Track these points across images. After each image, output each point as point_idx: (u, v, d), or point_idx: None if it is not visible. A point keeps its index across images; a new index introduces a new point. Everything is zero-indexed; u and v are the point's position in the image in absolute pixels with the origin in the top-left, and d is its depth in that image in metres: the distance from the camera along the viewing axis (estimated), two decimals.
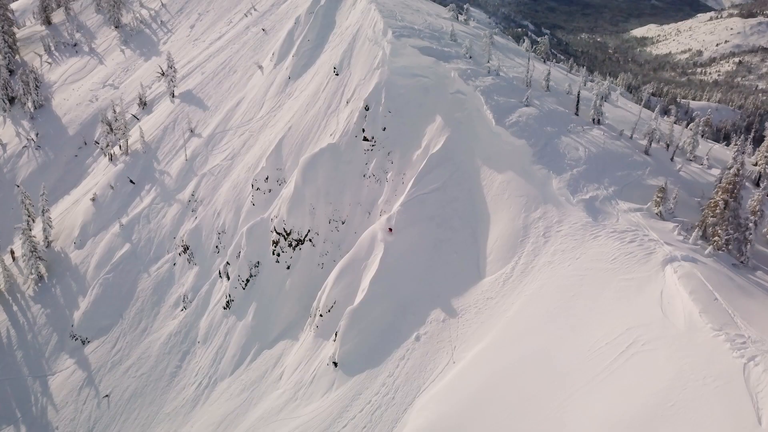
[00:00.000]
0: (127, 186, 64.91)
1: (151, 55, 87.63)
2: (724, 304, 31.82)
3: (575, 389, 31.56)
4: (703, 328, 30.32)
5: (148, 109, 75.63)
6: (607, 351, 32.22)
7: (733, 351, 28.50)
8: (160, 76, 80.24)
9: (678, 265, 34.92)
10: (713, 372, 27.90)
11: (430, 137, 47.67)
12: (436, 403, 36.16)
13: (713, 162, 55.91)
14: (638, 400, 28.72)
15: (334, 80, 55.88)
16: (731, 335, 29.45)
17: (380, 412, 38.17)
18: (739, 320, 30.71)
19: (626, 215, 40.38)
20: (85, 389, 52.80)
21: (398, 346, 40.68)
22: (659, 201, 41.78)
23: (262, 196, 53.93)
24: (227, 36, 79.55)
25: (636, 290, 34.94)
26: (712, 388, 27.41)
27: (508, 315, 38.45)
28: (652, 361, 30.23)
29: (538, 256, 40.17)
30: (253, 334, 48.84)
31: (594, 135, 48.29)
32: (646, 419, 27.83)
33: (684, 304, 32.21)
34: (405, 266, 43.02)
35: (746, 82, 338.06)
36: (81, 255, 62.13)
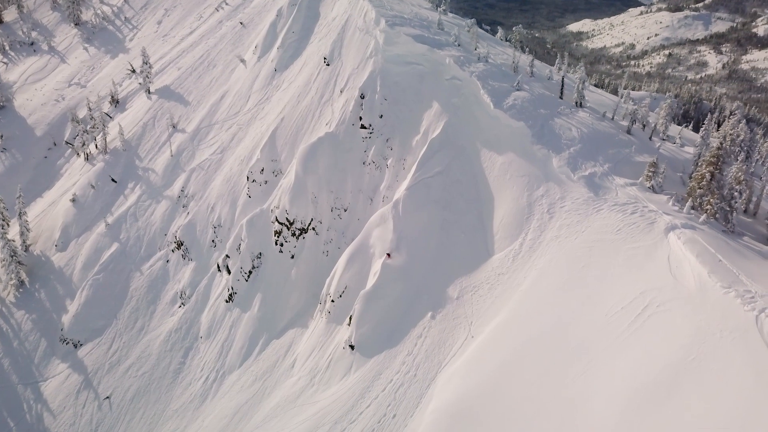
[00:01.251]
0: (109, 185, 63.12)
1: (118, 52, 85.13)
2: (728, 265, 34.19)
3: (597, 354, 33.17)
4: (713, 287, 32.48)
5: (121, 107, 73.57)
6: (623, 315, 34.02)
7: (744, 305, 30.70)
8: (130, 73, 78.19)
9: (680, 232, 37.21)
10: (728, 326, 29.99)
11: (429, 123, 48.68)
12: (461, 377, 37.19)
13: (684, 141, 59.36)
14: (660, 358, 30.48)
15: (325, 70, 56.11)
16: (740, 291, 31.67)
17: (403, 390, 38.92)
18: (744, 278, 33.08)
19: (624, 189, 42.56)
20: (84, 392, 51.30)
21: (415, 325, 41.54)
22: (651, 175, 44.21)
23: (258, 188, 53.67)
24: (199, 31, 78.25)
25: (644, 257, 36.98)
26: (729, 340, 29.45)
27: (521, 288, 39.92)
28: (668, 321, 32.14)
29: (544, 232, 41.81)
30: (260, 325, 48.67)
31: (581, 117, 50.45)
32: (671, 374, 29.56)
33: (692, 267, 34.37)
34: (415, 248, 43.90)
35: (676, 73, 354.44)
36: (64, 257, 60.07)
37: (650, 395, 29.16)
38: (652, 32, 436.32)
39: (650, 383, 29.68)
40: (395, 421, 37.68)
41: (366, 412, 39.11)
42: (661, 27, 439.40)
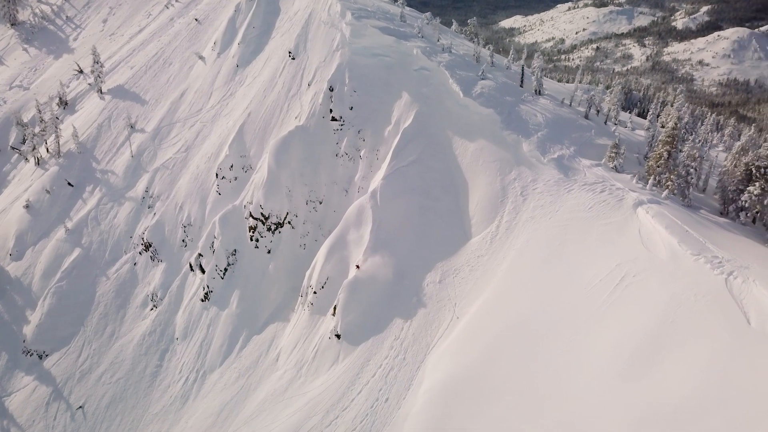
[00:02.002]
0: (66, 189, 60.43)
1: (62, 52, 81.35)
2: (695, 235, 36.54)
3: (580, 325, 34.74)
4: (684, 255, 34.69)
5: (70, 109, 70.43)
6: (602, 287, 35.78)
7: (714, 270, 33.01)
8: (77, 73, 74.94)
9: (648, 207, 39.44)
10: (701, 289, 32.13)
11: (400, 113, 49.30)
12: (451, 357, 38.05)
13: (635, 125, 62.54)
14: (642, 322, 32.30)
15: (291, 64, 55.74)
16: (709, 257, 34.00)
17: (394, 374, 39.43)
18: (710, 246, 35.47)
19: (591, 170, 44.59)
20: (54, 404, 49.10)
21: (400, 311, 42.10)
22: (613, 156, 46.50)
23: (228, 184, 52.82)
24: (149, 29, 75.86)
25: (616, 232, 38.96)
26: (704, 302, 31.58)
27: (502, 268, 41.20)
28: (645, 289, 34.07)
29: (519, 214, 43.27)
30: (239, 322, 48.01)
31: (543, 103, 52.39)
32: (653, 336, 31.38)
33: (663, 238, 36.54)
34: (395, 236, 44.44)
35: (604, 66, 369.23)
36: (21, 266, 57.13)
37: (634, 359, 30.81)
38: (580, 27, 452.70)
39: (633, 348, 31.38)
40: (388, 405, 38.11)
41: (358, 398, 39.36)
42: (588, 22, 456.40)
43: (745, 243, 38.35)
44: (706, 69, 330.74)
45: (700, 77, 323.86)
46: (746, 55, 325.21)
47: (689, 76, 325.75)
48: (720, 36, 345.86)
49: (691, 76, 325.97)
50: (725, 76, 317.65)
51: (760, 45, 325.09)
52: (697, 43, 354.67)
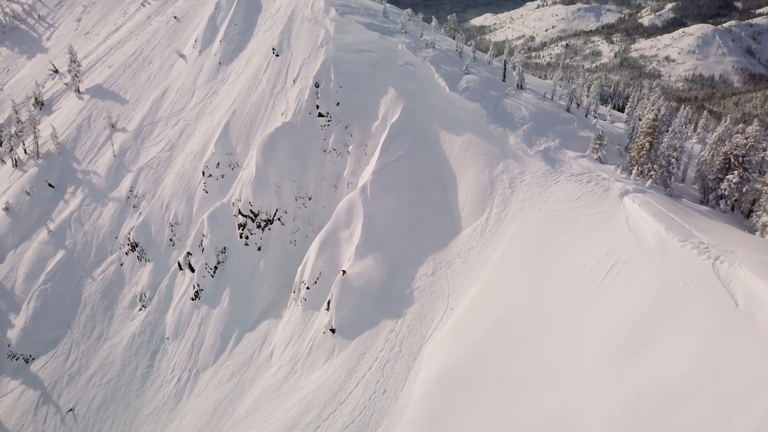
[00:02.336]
0: (46, 190, 59.21)
1: (35, 52, 79.53)
2: (681, 222, 37.52)
3: (573, 312, 35.44)
4: (671, 242, 35.60)
5: (47, 109, 68.98)
6: (593, 274, 36.55)
7: (701, 255, 33.92)
8: (53, 73, 73.39)
9: (633, 196, 40.38)
10: (689, 274, 33.04)
11: (386, 108, 49.51)
12: (447, 347, 38.46)
13: (614, 118, 63.83)
14: (633, 308, 33.08)
15: (275, 61, 55.46)
16: (695, 243, 34.93)
17: (390, 366, 39.70)
18: (696, 232, 36.45)
19: (576, 161, 45.43)
20: (43, 407, 48.20)
21: (394, 304, 42.37)
22: (597, 148, 47.44)
23: (215, 182, 52.40)
24: (126, 27, 74.66)
25: (604, 221, 39.80)
26: (692, 286, 32.48)
27: (493, 259, 41.77)
28: (635, 275, 34.90)
29: (508, 205, 43.89)
30: (231, 320, 47.73)
31: (526, 97, 53.15)
32: (644, 320, 32.15)
33: (650, 226, 37.46)
34: (386, 230, 44.67)
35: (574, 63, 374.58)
36: (2, 270, 55.83)
37: (627, 343, 31.54)
38: (549, 24, 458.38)
39: (626, 333, 32.14)
40: (386, 396, 38.38)
41: (355, 391, 39.54)
42: (557, 19, 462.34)
43: (727, 229, 39.52)
44: (672, 65, 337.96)
45: (667, 73, 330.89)
46: (710, 51, 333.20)
47: (656, 72, 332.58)
48: (685, 32, 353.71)
49: (659, 72, 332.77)
50: (691, 72, 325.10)
51: (723, 41, 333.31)
52: (663, 39, 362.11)
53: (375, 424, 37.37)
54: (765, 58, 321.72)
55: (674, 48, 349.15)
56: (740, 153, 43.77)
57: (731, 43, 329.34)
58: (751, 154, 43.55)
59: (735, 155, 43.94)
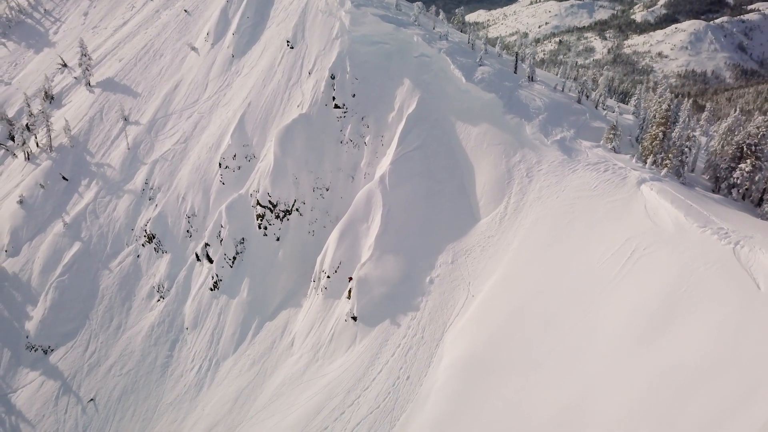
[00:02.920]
0: (60, 183, 59.13)
1: (42, 46, 79.17)
2: (699, 209, 38.02)
3: (594, 297, 35.88)
4: (690, 228, 36.11)
5: (57, 103, 68.74)
6: (613, 261, 37.01)
7: (721, 240, 34.44)
8: (61, 67, 73.13)
9: (651, 184, 40.86)
10: (710, 259, 33.53)
11: (402, 99, 49.78)
12: (469, 333, 38.89)
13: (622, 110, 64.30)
14: (655, 291, 33.54)
15: (289, 54, 55.57)
16: (715, 229, 35.43)
17: (413, 352, 40.08)
18: (714, 218, 36.94)
19: (592, 150, 45.87)
20: (63, 398, 48.31)
21: (414, 291, 42.74)
22: (612, 138, 47.89)
23: (231, 174, 52.52)
24: (134, 21, 74.45)
25: (622, 208, 40.28)
26: (713, 270, 32.97)
27: (513, 247, 42.18)
28: (656, 260, 35.37)
29: (526, 194, 44.31)
30: (251, 309, 47.97)
31: (539, 89, 53.50)
32: (666, 303, 32.61)
33: (669, 212, 37.94)
34: (405, 220, 45.00)
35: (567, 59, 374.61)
36: (18, 263, 55.80)
37: (650, 325, 32.01)
38: (542, 21, 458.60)
39: (649, 315, 32.62)
40: (410, 382, 38.78)
41: (378, 377, 39.91)
42: (550, 16, 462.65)
43: (743, 216, 40.09)
44: (665, 61, 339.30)
45: (659, 69, 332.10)
46: (702, 47, 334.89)
47: (649, 68, 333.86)
48: (677, 28, 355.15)
49: (651, 68, 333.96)
50: (683, 68, 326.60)
51: (715, 37, 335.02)
52: (655, 35, 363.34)
53: (400, 410, 37.77)
54: (757, 54, 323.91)
55: (667, 44, 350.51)
56: (753, 142, 44.36)
57: (723, 39, 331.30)
58: (763, 143, 44.11)
59: (748, 144, 44.51)
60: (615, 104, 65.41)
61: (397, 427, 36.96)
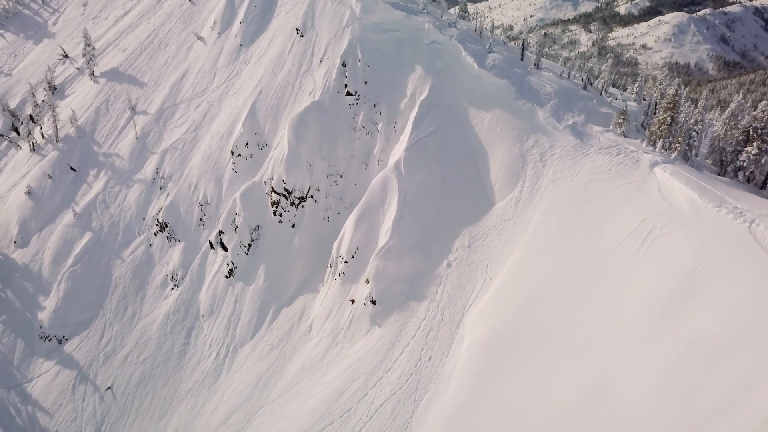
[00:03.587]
0: (68, 174, 58.47)
1: (42, 37, 77.94)
2: (713, 189, 38.71)
3: (613, 277, 36.42)
4: (705, 208, 36.77)
5: (59, 94, 67.82)
6: (631, 241, 37.57)
7: (736, 219, 35.14)
8: (62, 58, 72.15)
9: (664, 167, 41.49)
10: (726, 237, 34.21)
11: (414, 86, 49.89)
12: (489, 314, 39.28)
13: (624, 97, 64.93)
14: (674, 271, 34.14)
15: (299, 42, 55.36)
16: (730, 209, 36.12)
17: (434, 334, 40.43)
18: (728, 198, 37.64)
19: (603, 135, 46.39)
20: (80, 386, 48.03)
21: (432, 275, 43.05)
22: (621, 123, 48.46)
23: (244, 162, 52.33)
24: (136, 11, 73.57)
25: (637, 190, 40.85)
26: (730, 248, 33.64)
27: (529, 230, 42.62)
28: (673, 240, 35.98)
29: (540, 178, 44.75)
30: (267, 296, 47.98)
31: (547, 75, 53.91)
32: (686, 280, 33.22)
33: (683, 193, 38.58)
34: (421, 204, 45.24)
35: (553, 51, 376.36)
36: (28, 253, 55.19)
37: (671, 301, 32.59)
38: (527, 14, 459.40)
39: (669, 292, 33.18)
40: (432, 363, 39.12)
41: (400, 359, 40.20)
42: (535, 8, 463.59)
43: (753, 196, 40.88)
44: (649, 53, 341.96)
45: (644, 61, 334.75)
46: (686, 39, 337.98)
47: (634, 60, 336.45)
48: (661, 21, 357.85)
49: (636, 60, 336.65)
50: (667, 60, 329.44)
51: (698, 29, 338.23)
52: (639, 27, 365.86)
53: (423, 390, 38.12)
54: (738, 46, 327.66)
55: (651, 36, 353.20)
56: (759, 125, 45.15)
57: (706, 31, 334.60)
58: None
59: (754, 128, 45.31)
60: (617, 92, 66.06)
61: (421, 407, 37.33)
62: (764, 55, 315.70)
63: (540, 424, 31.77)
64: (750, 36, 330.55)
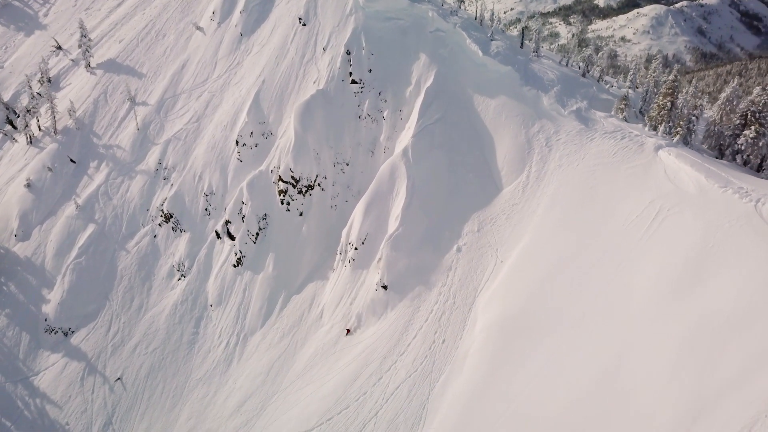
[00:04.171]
0: (68, 166, 57.46)
1: (33, 29, 76.23)
2: (717, 171, 39.37)
3: (624, 257, 36.87)
4: (711, 188, 37.41)
5: (54, 86, 66.45)
6: (640, 222, 38.09)
7: (742, 198, 35.80)
8: (56, 50, 70.75)
9: (668, 150, 42.09)
10: (733, 216, 34.86)
11: (419, 74, 49.88)
12: (502, 297, 39.58)
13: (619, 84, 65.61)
14: (684, 248, 34.67)
15: (302, 31, 54.93)
16: (735, 188, 36.78)
17: (446, 317, 40.67)
18: (733, 179, 38.31)
19: (607, 120, 46.89)
20: (89, 378, 47.46)
21: (442, 260, 43.26)
22: (623, 108, 48.98)
23: (249, 151, 51.91)
24: (130, 2, 72.30)
25: (643, 173, 41.39)
26: (738, 227, 34.29)
27: (538, 213, 42.99)
28: (682, 220, 36.56)
29: (547, 163, 45.12)
30: (276, 284, 47.79)
31: (547, 63, 54.28)
32: (695, 258, 33.78)
33: (689, 175, 39.18)
34: (430, 191, 45.35)
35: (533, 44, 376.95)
36: (30, 247, 54.20)
37: (681, 279, 33.12)
38: (507, 7, 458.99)
39: (679, 269, 33.69)
40: (446, 345, 39.36)
41: (414, 342, 40.39)
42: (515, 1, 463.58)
43: (755, 178, 41.69)
44: (628, 45, 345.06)
45: (623, 53, 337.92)
46: (664, 31, 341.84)
47: (613, 52, 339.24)
48: (639, 13, 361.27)
49: (615, 53, 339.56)
50: (646, 51, 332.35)
51: (675, 21, 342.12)
52: (618, 20, 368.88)
53: (438, 372, 38.35)
54: (715, 38, 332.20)
55: (629, 28, 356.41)
56: (756, 110, 45.96)
57: (683, 23, 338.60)
58: (766, 110, 45.70)
59: (752, 112, 46.11)
60: (612, 80, 66.71)
61: (437, 389, 37.58)
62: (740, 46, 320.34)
63: (557, 403, 32.08)
64: (726, 28, 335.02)
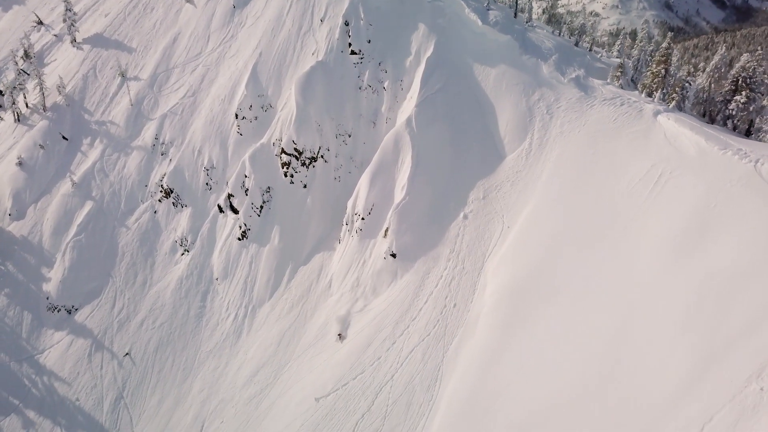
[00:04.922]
0: (61, 143, 55.65)
1: (11, 4, 72.90)
2: (716, 134, 40.24)
3: (628, 219, 37.57)
4: (711, 150, 38.24)
5: (38, 62, 63.95)
6: (642, 185, 38.79)
7: (742, 159, 36.69)
8: (37, 25, 67.96)
9: (667, 115, 42.79)
10: (734, 176, 35.75)
11: (419, 44, 49.46)
12: (510, 261, 40.11)
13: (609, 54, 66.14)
14: (686, 210, 35.50)
15: (298, 2, 53.71)
16: (735, 150, 37.63)
17: (456, 282, 41.11)
18: (732, 141, 39.21)
19: (605, 87, 47.34)
20: (97, 354, 46.80)
21: (450, 227, 43.55)
22: (619, 76, 49.53)
23: (248, 124, 51.02)
24: None
25: (644, 137, 42.07)
26: (738, 187, 35.20)
27: (542, 179, 43.45)
28: (684, 182, 37.35)
29: (549, 130, 45.48)
30: (283, 256, 47.51)
31: (542, 32, 54.38)
32: (698, 218, 34.61)
33: (689, 138, 39.94)
34: (434, 160, 45.38)
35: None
36: (25, 225, 52.60)
37: (686, 238, 33.94)
38: None
39: (683, 229, 34.52)
40: (457, 310, 39.88)
41: (425, 308, 40.80)
42: None
43: (751, 141, 42.75)
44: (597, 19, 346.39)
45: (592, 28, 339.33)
46: (632, 6, 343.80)
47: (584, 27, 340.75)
48: None
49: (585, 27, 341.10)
50: (615, 26, 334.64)
51: None
52: None
53: (450, 335, 38.90)
54: (682, 12, 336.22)
55: (599, 3, 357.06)
56: (747, 75, 46.91)
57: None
58: (755, 75, 46.67)
59: (743, 77, 47.05)
60: (601, 50, 67.27)
61: (451, 352, 38.14)
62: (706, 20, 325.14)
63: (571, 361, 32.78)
64: (692, 2, 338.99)
